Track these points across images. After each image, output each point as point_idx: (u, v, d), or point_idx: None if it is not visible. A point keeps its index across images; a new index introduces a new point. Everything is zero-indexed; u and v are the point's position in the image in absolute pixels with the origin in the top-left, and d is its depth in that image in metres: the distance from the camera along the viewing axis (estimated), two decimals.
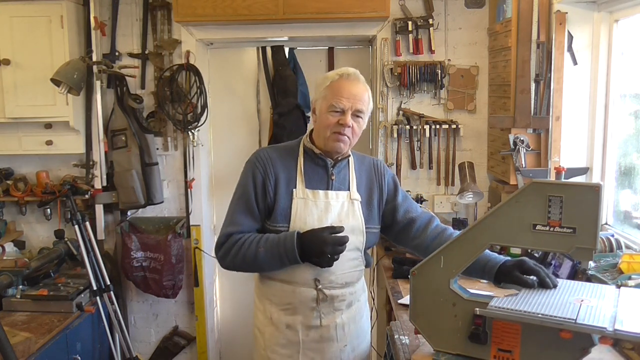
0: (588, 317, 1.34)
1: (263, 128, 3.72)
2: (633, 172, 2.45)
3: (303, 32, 3.38)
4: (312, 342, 1.88)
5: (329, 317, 1.88)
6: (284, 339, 1.89)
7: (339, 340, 1.90)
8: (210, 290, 3.73)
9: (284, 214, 1.83)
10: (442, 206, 3.45)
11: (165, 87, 3.39)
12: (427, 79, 3.34)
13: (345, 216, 1.86)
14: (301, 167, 1.88)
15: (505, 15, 3.00)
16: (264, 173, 1.85)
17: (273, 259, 1.78)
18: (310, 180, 1.87)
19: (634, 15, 2.38)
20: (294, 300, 1.86)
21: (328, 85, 1.82)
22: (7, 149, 3.39)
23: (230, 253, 1.83)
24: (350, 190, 1.90)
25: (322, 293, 1.84)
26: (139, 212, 3.56)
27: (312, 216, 1.83)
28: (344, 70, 1.84)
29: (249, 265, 1.83)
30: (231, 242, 1.83)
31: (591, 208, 1.36)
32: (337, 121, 1.78)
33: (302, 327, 1.87)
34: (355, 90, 1.80)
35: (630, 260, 1.97)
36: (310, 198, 1.85)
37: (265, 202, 1.85)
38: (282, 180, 1.85)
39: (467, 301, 1.53)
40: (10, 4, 3.16)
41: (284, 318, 1.88)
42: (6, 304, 2.87)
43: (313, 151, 1.88)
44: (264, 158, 1.88)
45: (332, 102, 1.79)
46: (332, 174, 1.88)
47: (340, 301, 1.88)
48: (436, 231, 1.94)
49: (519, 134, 2.76)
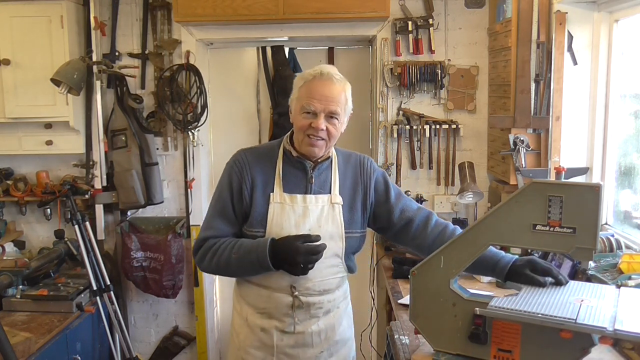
0: (588, 317, 1.34)
1: (263, 128, 3.72)
2: (633, 172, 2.45)
3: (303, 32, 3.38)
4: (287, 347, 1.84)
5: (304, 324, 1.83)
6: (258, 341, 1.86)
7: (314, 346, 1.86)
8: (210, 290, 3.73)
9: (260, 219, 1.78)
10: (442, 206, 3.45)
11: (165, 87, 3.39)
12: (427, 79, 3.34)
13: (325, 221, 1.80)
14: (279, 171, 1.82)
15: (505, 15, 3.00)
16: (240, 177, 1.81)
17: (245, 266, 1.75)
18: (289, 184, 1.81)
19: (634, 15, 2.38)
20: (269, 305, 1.82)
21: (302, 85, 1.77)
22: (7, 149, 3.39)
23: (205, 258, 1.81)
24: (331, 194, 1.83)
25: (298, 300, 1.79)
26: (139, 212, 3.56)
27: (289, 221, 1.77)
28: (318, 70, 1.77)
29: (224, 270, 1.82)
30: (206, 247, 1.81)
31: (591, 208, 1.36)
32: (310, 124, 1.74)
33: (277, 331, 1.84)
34: (329, 92, 1.73)
35: (630, 260, 1.97)
36: (287, 202, 1.79)
37: (242, 207, 1.81)
38: (258, 184, 1.80)
39: (467, 301, 1.53)
40: (10, 4, 3.16)
41: (259, 321, 1.85)
42: (6, 304, 2.87)
43: (291, 153, 1.83)
44: (241, 161, 1.84)
45: (304, 103, 1.74)
46: (311, 178, 1.82)
47: (317, 308, 1.83)
48: (437, 229, 1.88)
49: (519, 134, 2.76)
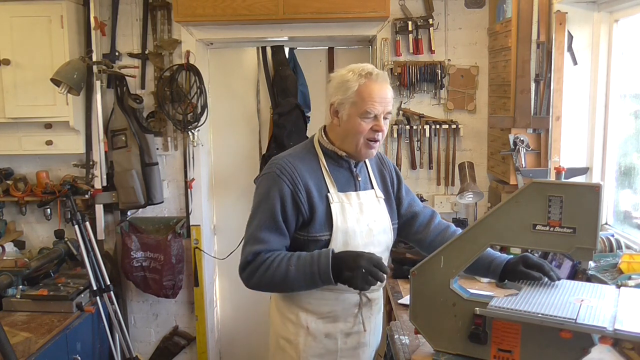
0: (588, 317, 1.34)
1: (263, 128, 3.72)
2: (633, 172, 2.44)
3: (303, 32, 3.38)
4: (349, 350, 1.84)
5: (368, 322, 1.84)
6: (322, 348, 1.81)
7: (370, 345, 1.89)
8: (210, 290, 3.73)
9: (323, 222, 1.73)
10: (442, 206, 3.45)
11: (165, 87, 3.39)
12: (427, 79, 3.34)
13: (378, 215, 1.82)
14: (327, 170, 1.78)
15: (505, 15, 3.00)
16: (292, 185, 1.71)
17: (304, 279, 1.68)
18: (339, 182, 1.79)
19: (634, 15, 2.38)
20: (335, 308, 1.79)
21: (357, 89, 1.70)
22: (7, 149, 3.39)
23: (257, 272, 1.71)
24: (374, 189, 1.87)
25: (365, 296, 1.80)
26: (139, 212, 3.56)
27: (351, 220, 1.76)
28: (369, 70, 1.72)
29: (278, 284, 1.72)
30: (259, 261, 1.71)
31: (591, 208, 1.36)
32: (371, 127, 1.71)
33: (342, 334, 1.81)
34: (385, 93, 1.72)
35: (630, 260, 1.97)
36: (345, 201, 1.77)
37: (299, 215, 1.73)
38: (312, 188, 1.74)
39: (467, 301, 1.53)
40: (10, 4, 3.16)
41: (322, 327, 1.80)
42: (6, 304, 2.87)
43: (336, 153, 1.79)
44: (287, 168, 1.73)
45: (366, 108, 1.69)
46: (357, 174, 1.83)
47: (376, 304, 1.87)
48: (439, 227, 1.93)
49: (519, 134, 2.76)
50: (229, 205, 3.82)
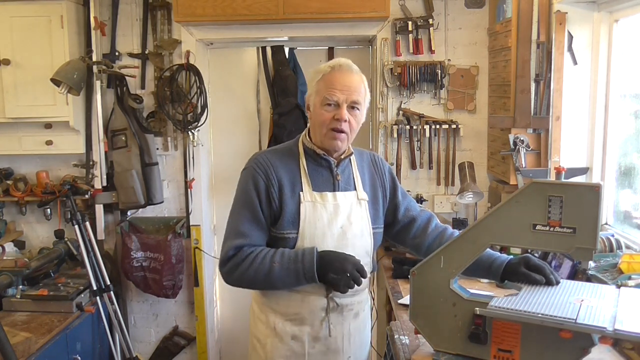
0: (588, 317, 1.34)
1: (263, 128, 3.72)
2: (633, 172, 2.44)
3: (303, 32, 3.38)
4: (318, 354, 1.80)
5: (337, 328, 1.80)
6: (289, 350, 1.79)
7: (344, 352, 1.83)
8: (210, 290, 3.73)
9: (292, 220, 1.72)
10: (442, 206, 3.45)
11: (165, 87, 3.39)
12: (427, 79, 3.34)
13: (355, 218, 1.78)
14: (305, 169, 1.77)
15: (505, 15, 3.00)
16: (266, 179, 1.73)
17: (287, 276, 1.67)
18: (316, 182, 1.77)
19: (634, 15, 2.38)
20: (302, 310, 1.77)
21: (320, 78, 1.72)
22: (7, 149, 3.39)
23: (239, 268, 1.70)
24: (357, 190, 1.82)
25: (333, 301, 1.76)
26: (139, 212, 3.56)
27: (321, 220, 1.73)
28: (336, 62, 1.74)
29: (260, 281, 1.71)
30: (241, 256, 1.70)
31: (591, 208, 1.36)
32: (333, 116, 1.69)
33: (309, 338, 1.78)
34: (349, 81, 1.70)
35: (630, 260, 1.97)
36: (318, 201, 1.74)
37: (271, 210, 1.74)
38: (286, 184, 1.74)
39: (467, 301, 1.53)
40: (10, 4, 3.16)
41: (289, 329, 1.78)
42: (6, 304, 2.87)
43: (315, 151, 1.78)
44: (263, 163, 1.76)
45: (325, 95, 1.69)
46: (337, 174, 1.79)
47: (348, 310, 1.81)
48: (436, 231, 1.91)
49: (519, 134, 2.76)
50: (229, 205, 3.74)
